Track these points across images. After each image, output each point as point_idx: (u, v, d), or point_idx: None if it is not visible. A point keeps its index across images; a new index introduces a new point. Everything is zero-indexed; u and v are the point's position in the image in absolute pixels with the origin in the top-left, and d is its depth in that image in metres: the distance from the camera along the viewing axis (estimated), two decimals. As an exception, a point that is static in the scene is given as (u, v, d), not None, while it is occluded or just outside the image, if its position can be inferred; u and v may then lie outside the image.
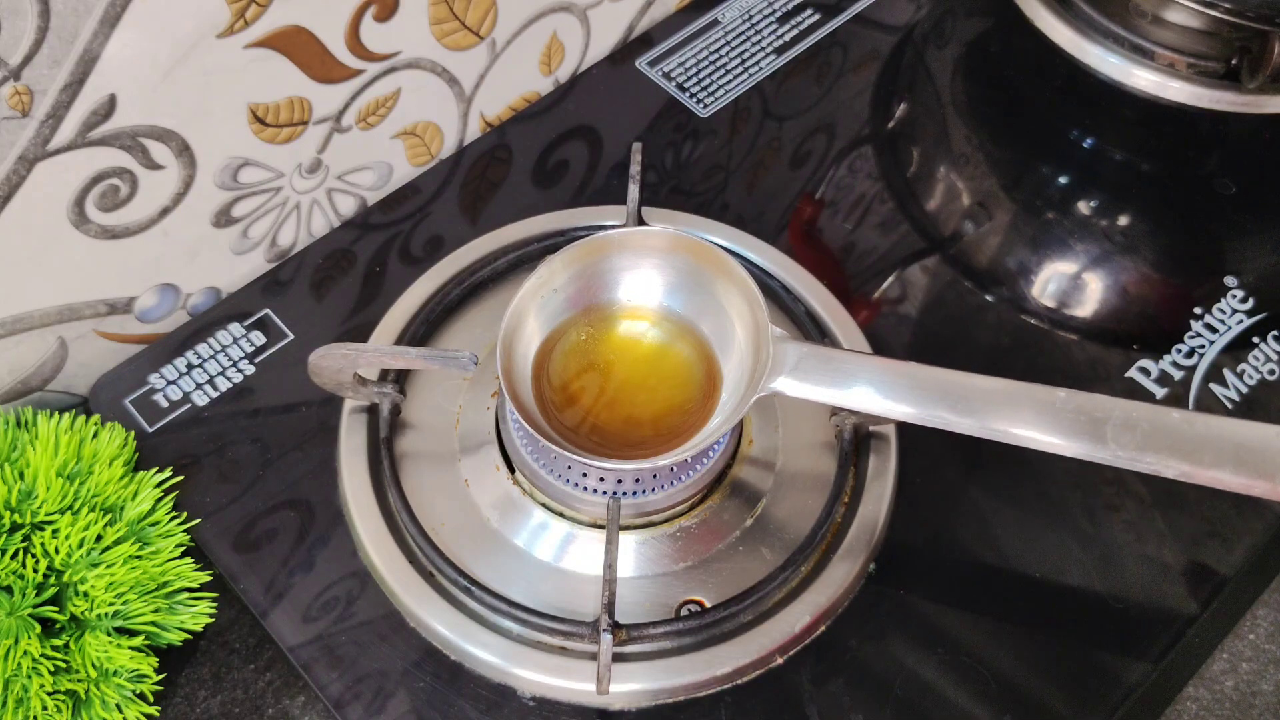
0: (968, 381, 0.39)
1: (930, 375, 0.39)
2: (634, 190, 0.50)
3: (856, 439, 0.48)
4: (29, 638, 0.39)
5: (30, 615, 0.39)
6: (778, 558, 0.45)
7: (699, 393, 0.44)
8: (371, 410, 0.48)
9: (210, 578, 0.44)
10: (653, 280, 0.45)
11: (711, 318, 0.45)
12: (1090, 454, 0.37)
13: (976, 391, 0.39)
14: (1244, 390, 0.52)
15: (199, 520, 0.46)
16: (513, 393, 0.41)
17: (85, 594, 0.40)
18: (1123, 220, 0.58)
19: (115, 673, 0.41)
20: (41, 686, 0.39)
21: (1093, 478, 0.49)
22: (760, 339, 0.41)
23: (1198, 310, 0.54)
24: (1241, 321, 0.54)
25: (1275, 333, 0.53)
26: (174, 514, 0.44)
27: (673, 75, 0.62)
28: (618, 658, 0.41)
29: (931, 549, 0.46)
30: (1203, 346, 0.53)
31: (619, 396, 0.44)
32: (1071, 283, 0.56)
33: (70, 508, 0.42)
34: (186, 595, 0.43)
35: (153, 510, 0.44)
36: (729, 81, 0.62)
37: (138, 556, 0.42)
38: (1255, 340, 0.53)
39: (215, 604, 0.44)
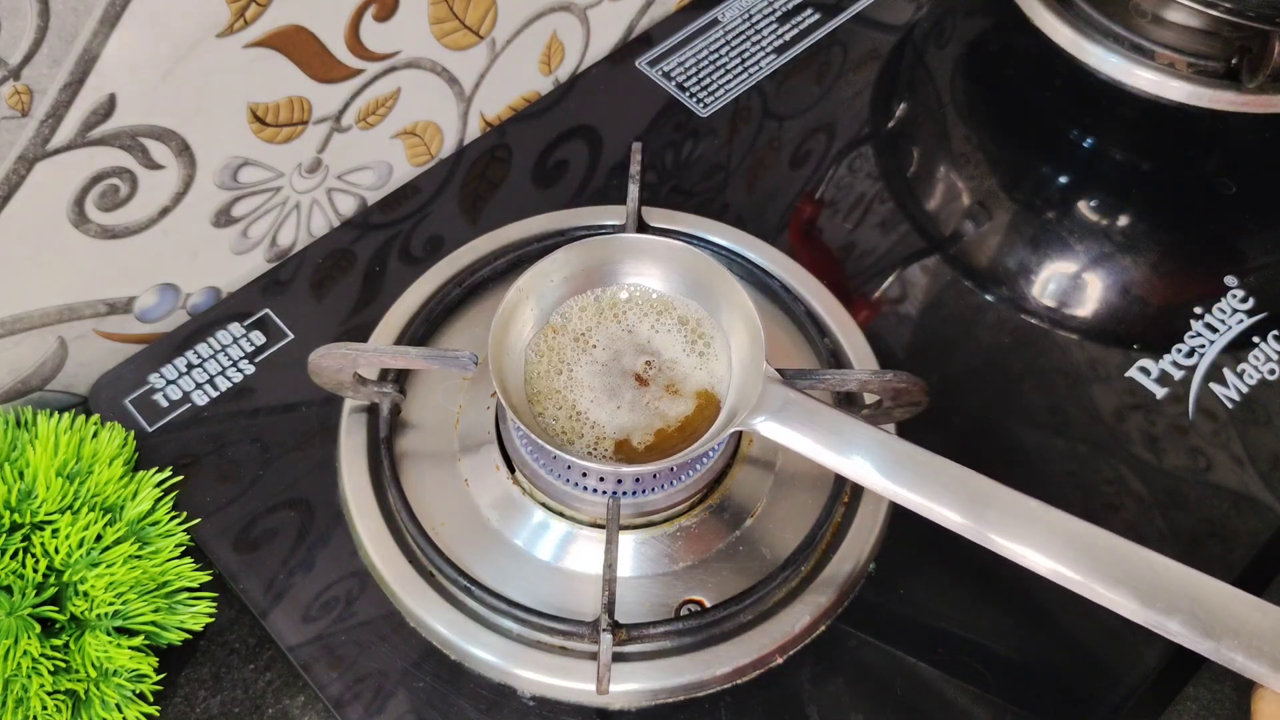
0: (951, 471, 0.38)
1: (910, 454, 0.39)
2: (634, 190, 0.50)
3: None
4: (29, 638, 0.39)
5: (30, 615, 0.39)
6: (778, 557, 0.45)
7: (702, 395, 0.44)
8: (371, 410, 0.48)
9: (210, 578, 0.44)
10: (658, 286, 0.45)
11: (713, 324, 0.45)
12: (1058, 574, 0.37)
13: (947, 476, 0.38)
14: (1244, 390, 0.52)
15: (199, 520, 0.46)
16: (499, 372, 0.42)
17: (85, 594, 0.40)
18: (1123, 220, 0.58)
19: (115, 673, 0.41)
20: (41, 686, 0.39)
21: (1093, 477, 0.49)
22: (753, 372, 0.41)
23: (1198, 310, 0.54)
24: (1241, 321, 0.53)
25: (1275, 333, 0.53)
26: (174, 514, 0.44)
27: (673, 75, 0.62)
28: (618, 657, 0.41)
29: (931, 549, 0.46)
30: (1203, 346, 0.53)
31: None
32: (1071, 283, 0.56)
33: (70, 507, 0.42)
34: (186, 595, 0.43)
35: (153, 510, 0.44)
36: (729, 81, 0.62)
37: (138, 556, 0.42)
38: (1255, 340, 0.53)
39: (215, 604, 0.44)
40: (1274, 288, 0.55)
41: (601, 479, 0.43)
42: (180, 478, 0.46)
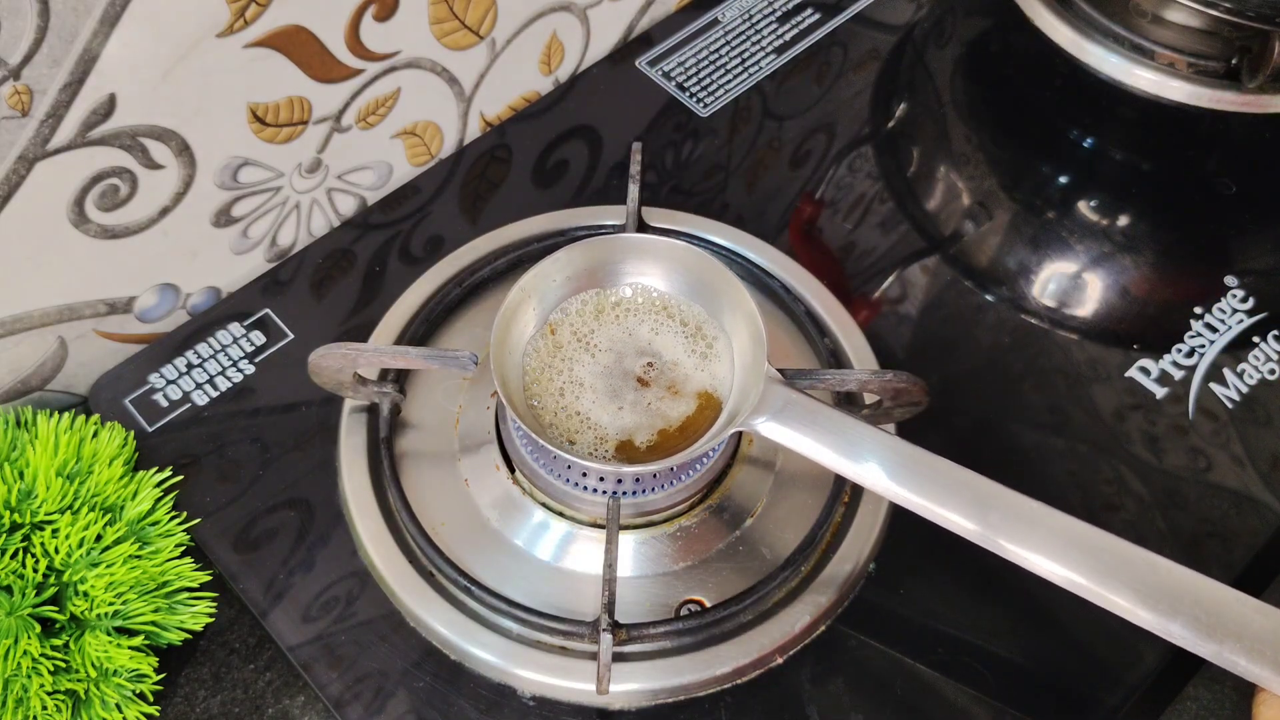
0: (955, 473, 0.38)
1: (911, 455, 0.38)
2: (634, 190, 0.50)
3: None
4: (29, 638, 0.39)
5: (30, 615, 0.39)
6: (778, 557, 0.45)
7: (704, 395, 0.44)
8: (371, 410, 0.48)
9: (210, 577, 0.44)
10: (660, 286, 0.45)
11: (715, 325, 0.45)
12: (1072, 582, 0.37)
13: (949, 478, 0.38)
14: (1244, 390, 0.52)
15: (199, 520, 0.46)
16: (501, 372, 0.42)
17: (85, 594, 0.40)
18: (1123, 220, 0.58)
19: (115, 673, 0.41)
20: (41, 686, 0.39)
21: (1093, 477, 0.49)
22: (755, 372, 0.41)
23: (1198, 310, 0.54)
24: (1241, 321, 0.54)
25: (1275, 333, 0.53)
26: (174, 514, 0.44)
27: (673, 75, 0.62)
28: (618, 657, 0.41)
29: (931, 549, 0.46)
30: (1203, 346, 0.53)
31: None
32: (1071, 283, 0.56)
33: (70, 507, 0.42)
34: (186, 595, 0.43)
35: (153, 510, 0.44)
36: (729, 81, 0.62)
37: (138, 556, 0.42)
38: (1255, 340, 0.53)
39: (215, 604, 0.44)
40: (1274, 288, 0.55)
41: (602, 479, 0.43)
42: (180, 478, 0.46)
